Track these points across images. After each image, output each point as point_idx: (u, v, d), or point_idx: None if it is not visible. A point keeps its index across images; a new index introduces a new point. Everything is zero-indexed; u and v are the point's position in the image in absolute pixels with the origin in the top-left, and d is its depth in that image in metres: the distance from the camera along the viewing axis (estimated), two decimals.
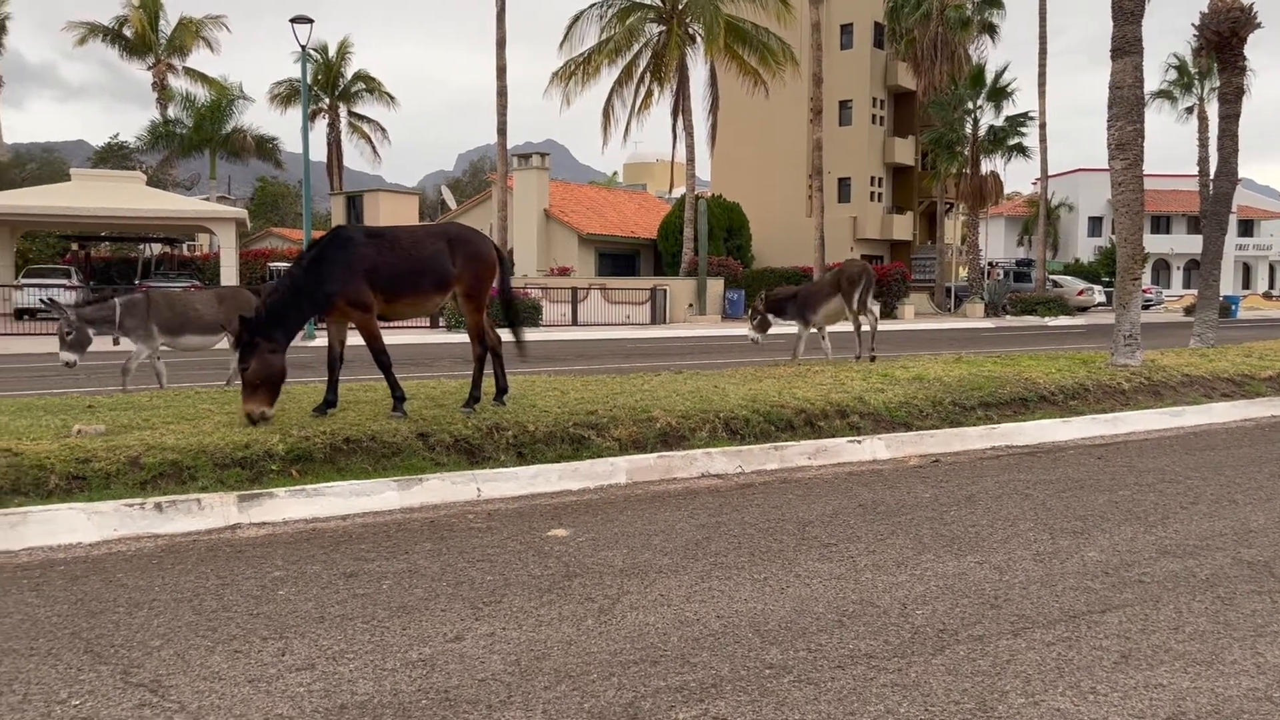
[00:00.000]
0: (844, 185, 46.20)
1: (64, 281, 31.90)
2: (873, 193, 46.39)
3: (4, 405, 7.61)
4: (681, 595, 4.35)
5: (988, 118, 41.13)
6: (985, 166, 41.49)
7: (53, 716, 3.11)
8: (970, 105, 40.66)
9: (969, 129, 41.01)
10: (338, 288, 7.03)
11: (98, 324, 9.41)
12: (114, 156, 49.38)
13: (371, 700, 3.25)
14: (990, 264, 47.55)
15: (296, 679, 3.41)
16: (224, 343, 10.04)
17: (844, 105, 45.93)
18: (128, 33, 46.88)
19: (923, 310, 41.05)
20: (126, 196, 32.86)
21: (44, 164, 50.48)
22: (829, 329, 13.13)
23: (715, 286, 35.43)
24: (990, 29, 42.21)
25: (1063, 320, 37.47)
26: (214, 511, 5.51)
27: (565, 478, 6.60)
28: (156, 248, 41.39)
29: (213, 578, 4.56)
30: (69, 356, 9.29)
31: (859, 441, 7.86)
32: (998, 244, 57.65)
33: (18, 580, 4.51)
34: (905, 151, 47.11)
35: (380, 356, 7.28)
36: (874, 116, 46.22)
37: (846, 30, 45.91)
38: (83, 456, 5.70)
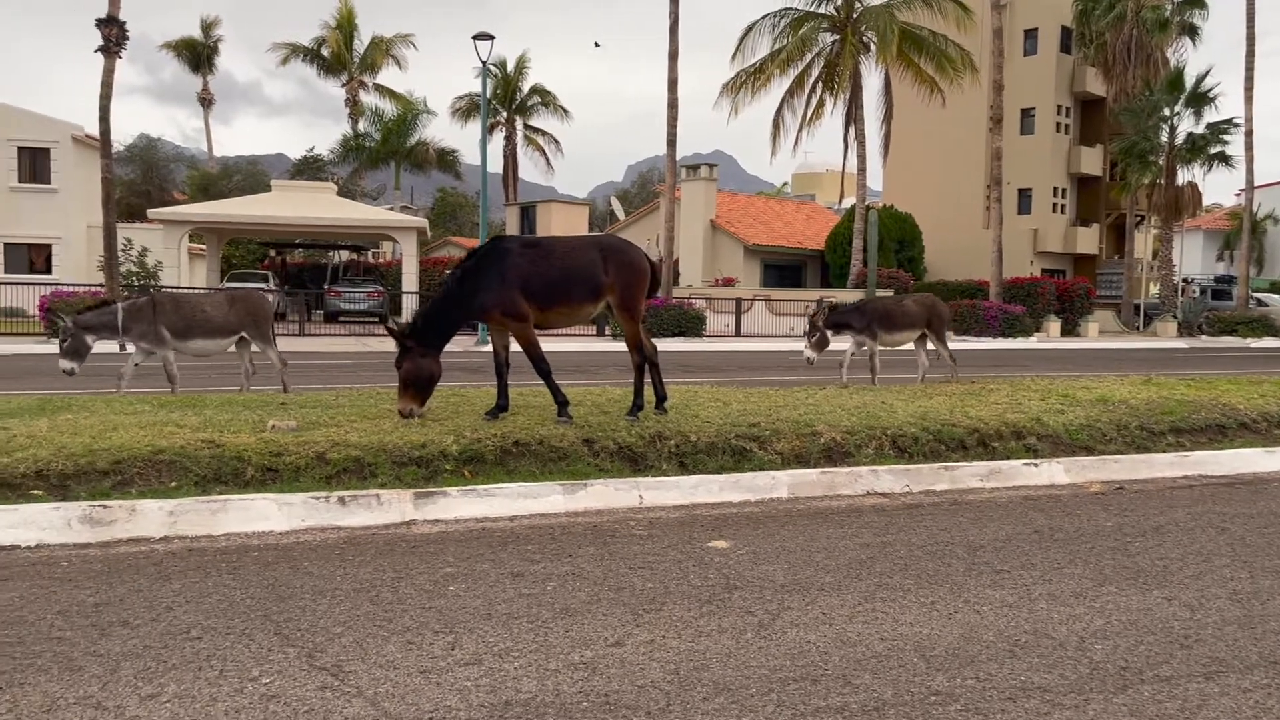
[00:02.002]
0: (1024, 196, 44.29)
1: (263, 285, 34.19)
2: (1055, 204, 44.29)
3: (208, 400, 8.21)
4: (844, 614, 4.26)
5: (1186, 125, 38.59)
6: (1182, 176, 38.94)
7: (245, 692, 3.33)
8: (1166, 111, 38.23)
9: (1164, 137, 38.57)
10: (492, 299, 7.26)
11: (98, 331, 9.29)
12: (309, 168, 52.68)
13: (535, 699, 3.33)
14: (1185, 280, 44.55)
15: (464, 673, 3.54)
16: (234, 346, 10.05)
17: (1026, 113, 44.04)
18: (325, 52, 50.02)
19: (1108, 328, 38.87)
20: (319, 206, 34.99)
21: (248, 175, 54.29)
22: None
23: None
24: (1191, 30, 39.67)
25: (1268, 342, 34.65)
26: (392, 507, 5.78)
27: (726, 489, 6.59)
28: (344, 254, 43.82)
29: (389, 571, 4.78)
30: (67, 365, 9.10)
31: (1036, 464, 7.51)
32: (1194, 259, 53.95)
33: (217, 563, 4.86)
34: (1092, 161, 44.76)
35: (539, 365, 7.45)
36: (1058, 124, 44.13)
37: (1030, 35, 44.04)
38: (276, 450, 6.09)
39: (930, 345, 12.07)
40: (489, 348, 20.69)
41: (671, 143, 31.13)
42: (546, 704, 3.30)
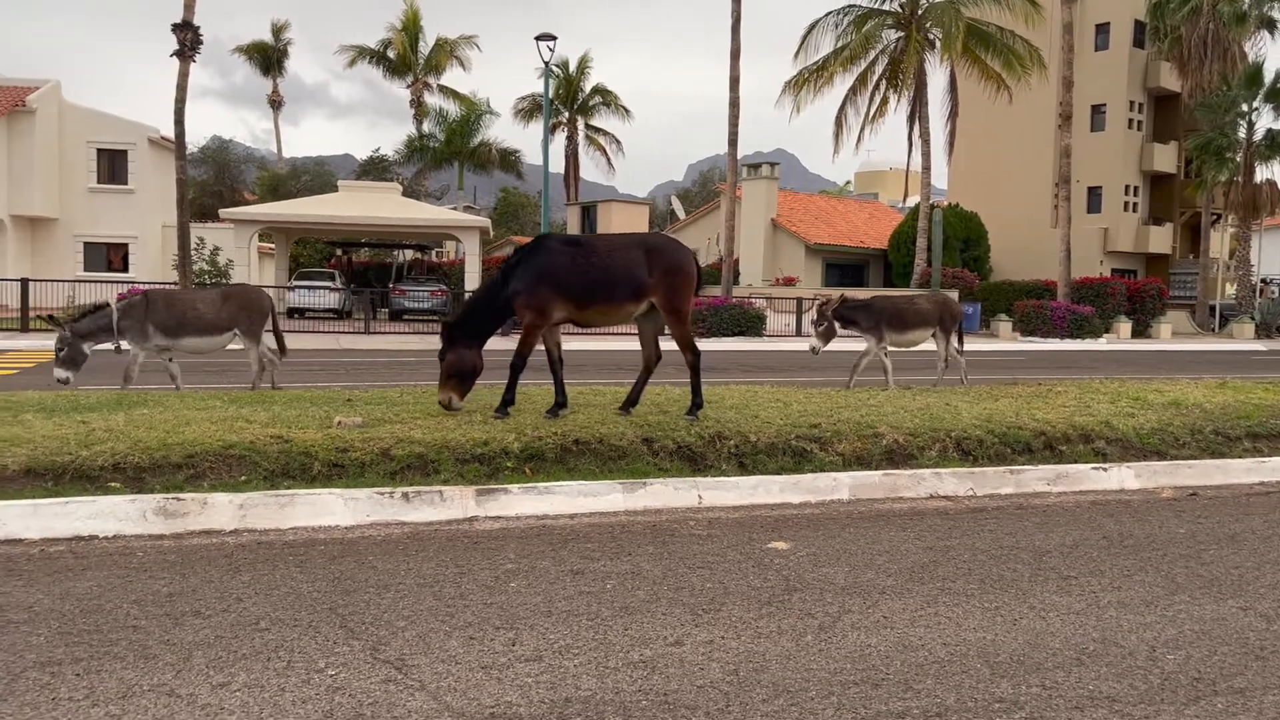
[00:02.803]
0: (1094, 194, 43.30)
1: (329, 284, 34.84)
2: (1127, 202, 43.22)
3: (277, 396, 8.39)
4: (905, 619, 4.22)
5: (1265, 120, 37.47)
6: (1260, 174, 37.82)
7: (311, 684, 3.40)
8: (1244, 107, 37.13)
9: (1242, 133, 37.46)
10: (519, 289, 7.32)
11: (96, 335, 9.12)
12: (375, 169, 53.53)
13: (595, 696, 3.35)
14: (1264, 280, 43.19)
15: (525, 669, 3.57)
16: (236, 343, 9.91)
17: (1096, 109, 43.05)
18: (391, 54, 50.82)
19: (1181, 330, 37.84)
20: (385, 206, 35.55)
21: (315, 176, 55.35)
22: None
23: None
24: (1269, 24, 38.44)
25: None
26: (454, 503, 5.85)
27: (786, 490, 6.56)
28: (409, 253, 44.44)
29: (451, 566, 4.84)
30: (62, 374, 8.96)
31: (1105, 469, 7.35)
32: (1273, 259, 52.21)
33: (285, 556, 4.96)
34: (1165, 158, 43.59)
35: (518, 359, 7.46)
36: (1130, 121, 43.06)
37: (1102, 30, 43.03)
38: (342, 446, 6.20)
39: (949, 343, 11.82)
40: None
41: (733, 141, 31.03)
42: (606, 702, 3.31)
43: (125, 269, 36.12)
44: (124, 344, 9.28)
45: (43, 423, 6.60)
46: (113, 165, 36.94)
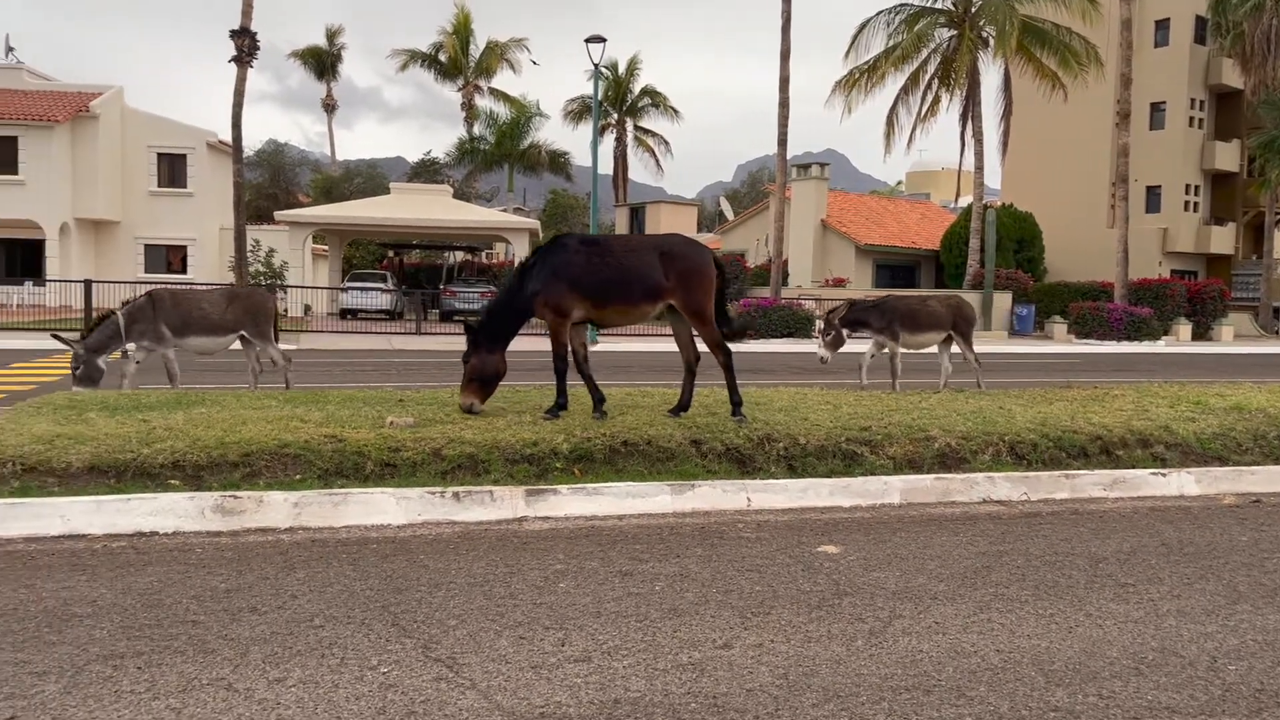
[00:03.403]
0: (1153, 194, 42.40)
1: (381, 285, 35.26)
2: (1187, 202, 42.25)
3: (331, 397, 8.51)
4: (958, 624, 4.17)
5: None
6: None
7: (365, 680, 3.45)
8: None
9: None
10: (538, 289, 7.34)
11: (108, 346, 9.14)
12: (426, 171, 54.13)
13: (643, 698, 3.36)
14: None
15: (574, 670, 3.59)
16: (237, 344, 9.91)
17: (1156, 107, 42.16)
18: (442, 58, 51.36)
19: (1244, 332, 36.93)
20: (435, 208, 35.92)
21: (368, 178, 56.12)
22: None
23: (1002, 301, 33.67)
24: None
25: None
26: (504, 503, 5.90)
27: (836, 493, 6.51)
28: (459, 255, 44.84)
29: (501, 566, 4.88)
30: (81, 391, 8.82)
31: (1164, 474, 7.20)
32: None
33: (338, 554, 5.04)
34: (1228, 157, 42.54)
35: (558, 362, 7.49)
36: (1191, 119, 42.08)
37: (1162, 26, 42.12)
38: (394, 446, 6.28)
39: (955, 348, 11.69)
40: (597, 348, 20.81)
41: (782, 142, 30.89)
42: (655, 704, 3.32)
43: (184, 270, 36.89)
44: (130, 348, 9.35)
45: (105, 421, 6.76)
46: (172, 169, 37.75)
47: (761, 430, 7.07)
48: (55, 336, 9.62)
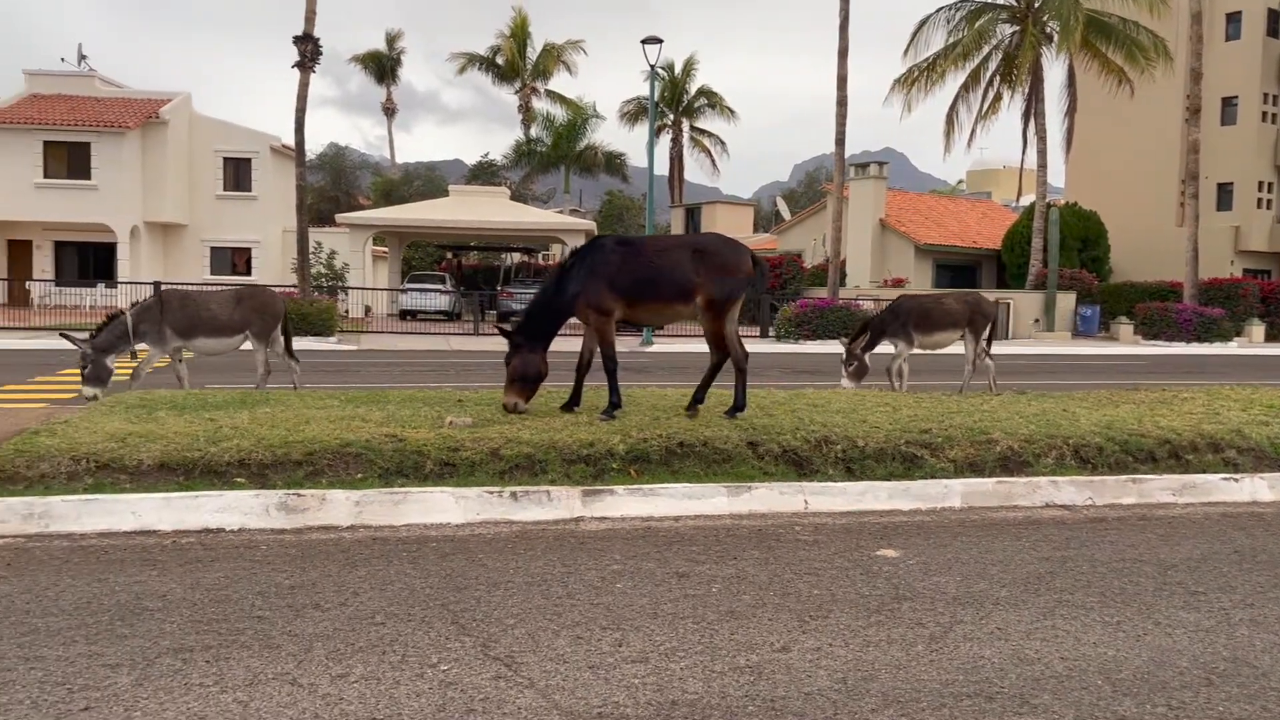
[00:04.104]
0: (1224, 191, 41.21)
1: (440, 286, 35.67)
2: (1260, 199, 41.00)
3: (391, 396, 8.63)
4: (1021, 631, 4.10)
5: None
6: None
7: (425, 678, 3.49)
8: None
9: None
10: (579, 290, 7.44)
11: (116, 346, 9.15)
12: (484, 173, 54.64)
13: (701, 700, 3.35)
14: None
15: (631, 670, 3.59)
16: (247, 344, 9.88)
17: (1227, 102, 40.96)
18: (500, 61, 51.76)
19: None
20: (493, 209, 36.23)
21: (427, 181, 56.83)
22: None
23: (1065, 301, 33.03)
24: None
25: None
26: (561, 504, 5.93)
27: (895, 497, 6.44)
28: (516, 256, 45.20)
29: (559, 565, 4.90)
30: (90, 391, 8.98)
31: (1236, 479, 7.00)
32: None
33: (398, 552, 5.11)
34: None
35: (608, 362, 7.56)
36: (1265, 114, 40.81)
37: (1233, 19, 40.92)
38: (453, 445, 6.34)
39: (978, 345, 11.38)
40: (654, 348, 20.90)
41: (840, 141, 30.63)
42: (713, 706, 3.31)
43: (249, 272, 37.67)
44: (139, 348, 9.35)
45: (174, 419, 6.93)
46: (237, 173, 38.57)
47: (819, 432, 7.02)
48: (64, 335, 9.65)
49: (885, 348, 11.49)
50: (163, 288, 10.39)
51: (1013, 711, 3.32)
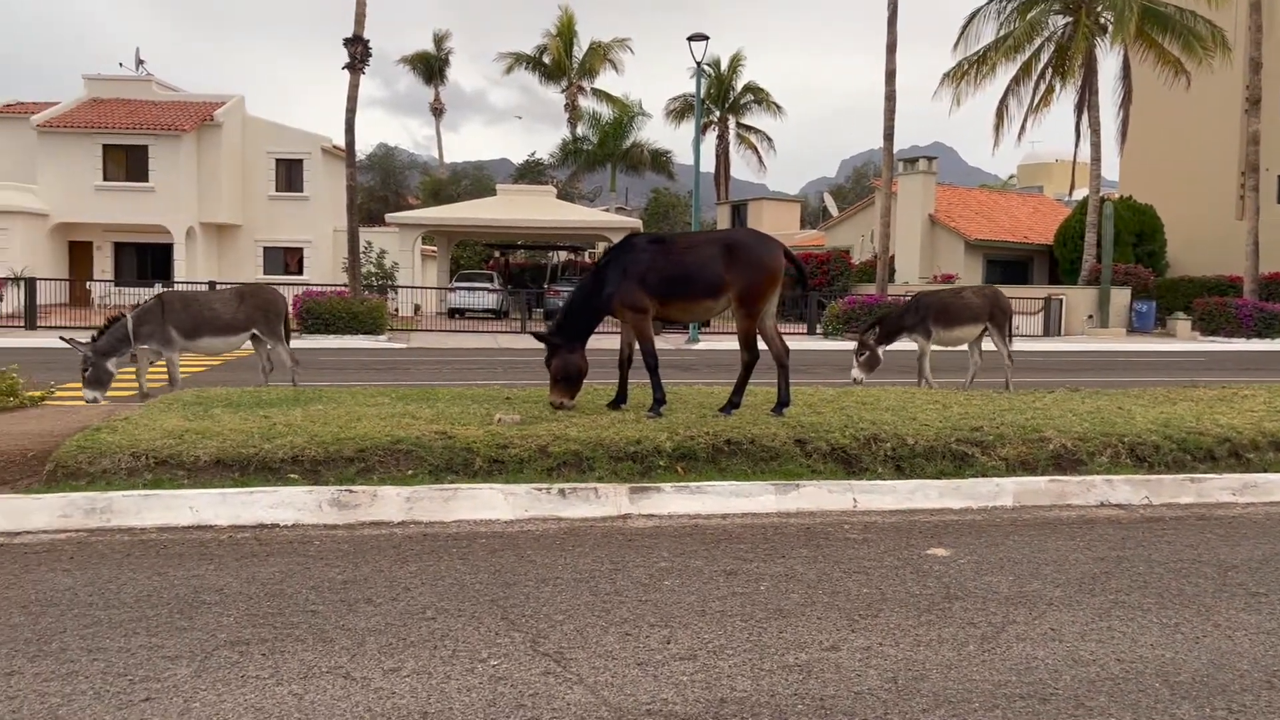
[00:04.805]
0: None
1: (487, 285, 35.93)
2: None
3: (441, 394, 8.72)
4: (1075, 632, 4.03)
5: None
6: None
7: (475, 673, 3.52)
8: None
9: None
10: (613, 290, 7.50)
11: (117, 349, 9.15)
12: (531, 172, 54.92)
13: (749, 698, 3.35)
14: None
15: (680, 668, 3.60)
16: (249, 343, 9.89)
17: None
18: (546, 60, 51.97)
19: None
20: (540, 208, 36.39)
21: (474, 180, 57.23)
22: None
23: (1120, 297, 32.40)
24: None
25: None
26: (608, 501, 5.95)
27: (946, 495, 6.37)
28: (563, 254, 45.38)
29: (606, 562, 4.92)
30: (90, 394, 9.01)
31: None
32: None
33: (448, 548, 5.16)
34: None
35: (648, 359, 7.56)
36: None
37: None
38: (502, 442, 6.40)
39: (989, 344, 11.18)
40: (700, 345, 20.91)
41: (889, 136, 30.33)
42: (761, 704, 3.30)
43: (300, 271, 38.22)
44: (144, 348, 9.39)
45: (230, 417, 7.07)
46: (289, 174, 39.13)
47: (868, 430, 6.97)
48: (63, 339, 9.72)
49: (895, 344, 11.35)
50: (164, 290, 10.43)
51: (1068, 714, 3.27)
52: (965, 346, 11.60)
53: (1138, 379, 15.53)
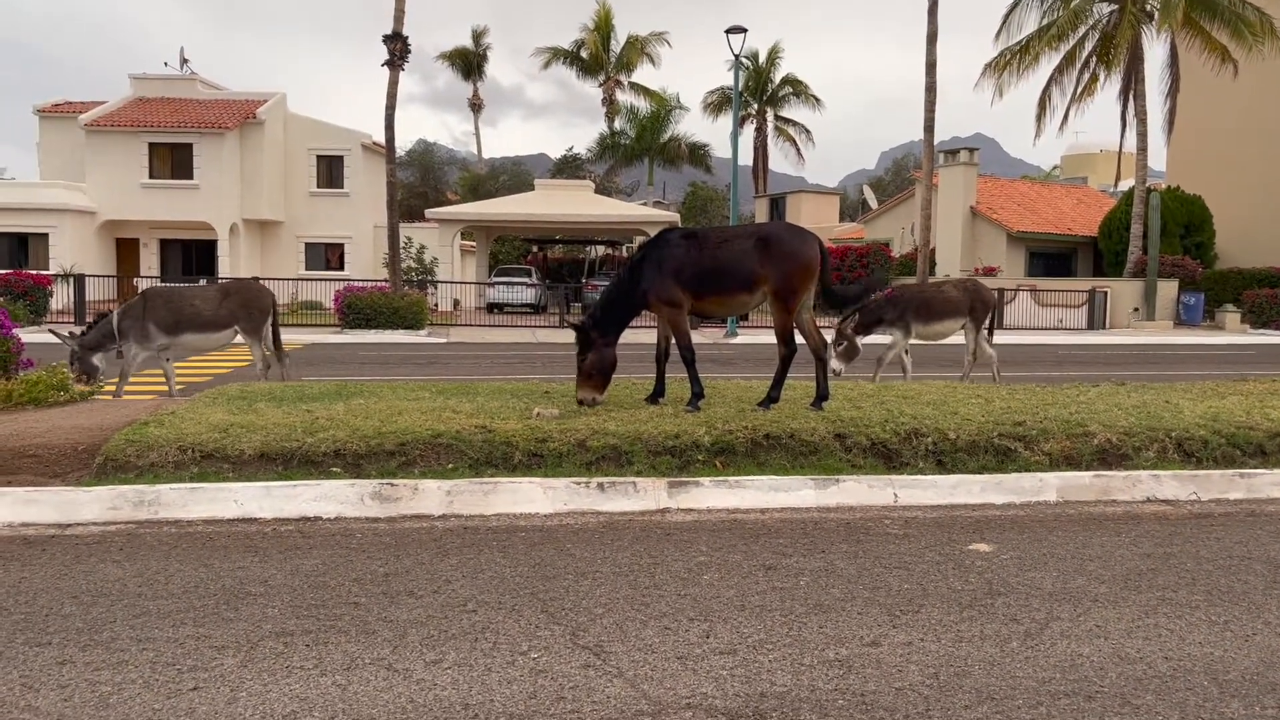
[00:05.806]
0: None
1: (526, 280, 36.08)
2: None
3: (481, 388, 8.77)
4: (1121, 629, 3.98)
5: None
6: None
7: (516, 665, 3.55)
8: None
9: None
10: (649, 285, 7.49)
11: (104, 344, 9.13)
12: (568, 167, 55.05)
13: (790, 693, 3.34)
14: None
15: (719, 662, 3.59)
16: (239, 339, 9.70)
17: None
18: (584, 54, 52.05)
19: None
20: (577, 203, 36.45)
21: (513, 175, 57.48)
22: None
23: (1167, 289, 31.86)
24: None
25: None
26: (647, 495, 5.96)
27: (988, 490, 6.30)
28: (600, 249, 45.46)
29: (645, 556, 4.93)
30: (77, 388, 8.66)
31: None
32: None
33: (489, 541, 5.19)
34: None
35: (685, 353, 7.56)
36: None
37: None
38: (541, 436, 6.42)
39: (979, 335, 11.00)
40: (738, 340, 20.79)
41: (929, 127, 30.03)
42: (801, 699, 3.29)
43: (341, 267, 38.63)
44: (130, 345, 9.32)
45: (273, 411, 7.16)
46: (330, 170, 39.55)
47: (909, 425, 6.91)
48: (52, 332, 9.77)
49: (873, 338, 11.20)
50: (150, 286, 10.44)
51: (1114, 711, 3.23)
52: (971, 341, 11.45)
53: (1185, 373, 15.26)
